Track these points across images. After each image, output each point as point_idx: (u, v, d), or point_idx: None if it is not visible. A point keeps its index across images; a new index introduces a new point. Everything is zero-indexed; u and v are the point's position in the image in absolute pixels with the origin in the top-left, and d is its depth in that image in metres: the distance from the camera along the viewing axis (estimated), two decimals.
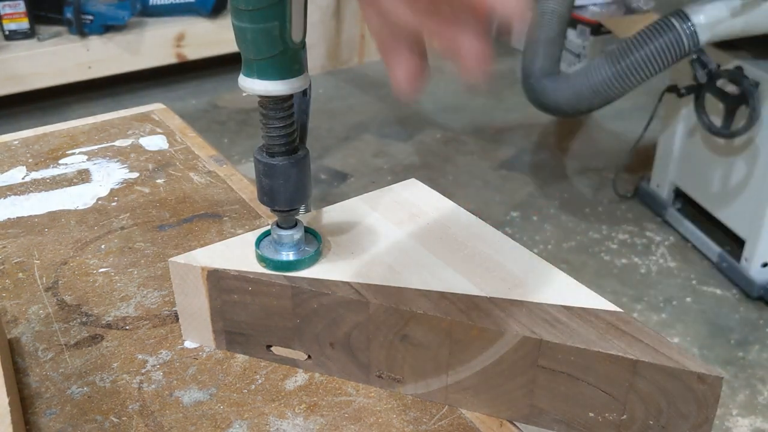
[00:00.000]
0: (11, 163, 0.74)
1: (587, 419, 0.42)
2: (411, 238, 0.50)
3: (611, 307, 0.43)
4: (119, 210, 0.66)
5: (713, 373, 0.39)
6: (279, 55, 0.40)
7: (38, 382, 0.48)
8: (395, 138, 2.40)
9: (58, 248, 0.61)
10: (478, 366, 0.43)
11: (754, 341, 1.56)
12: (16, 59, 2.36)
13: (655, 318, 1.63)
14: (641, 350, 0.40)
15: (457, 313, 0.43)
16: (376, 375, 0.47)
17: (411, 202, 0.54)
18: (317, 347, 0.47)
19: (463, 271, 0.46)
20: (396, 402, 0.46)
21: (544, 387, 0.42)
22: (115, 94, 2.63)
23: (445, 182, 2.14)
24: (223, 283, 0.47)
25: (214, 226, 0.64)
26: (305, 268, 0.47)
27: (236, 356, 0.50)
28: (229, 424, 0.44)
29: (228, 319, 0.49)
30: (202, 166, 0.73)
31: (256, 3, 0.39)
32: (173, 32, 2.59)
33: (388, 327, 0.44)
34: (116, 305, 0.55)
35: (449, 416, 0.45)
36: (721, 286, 1.72)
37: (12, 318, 0.53)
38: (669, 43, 1.56)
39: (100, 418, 0.45)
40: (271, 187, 0.45)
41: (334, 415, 0.45)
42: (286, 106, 0.44)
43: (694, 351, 1.52)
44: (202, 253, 0.48)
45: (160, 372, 0.48)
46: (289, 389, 0.47)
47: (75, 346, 0.51)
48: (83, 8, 2.41)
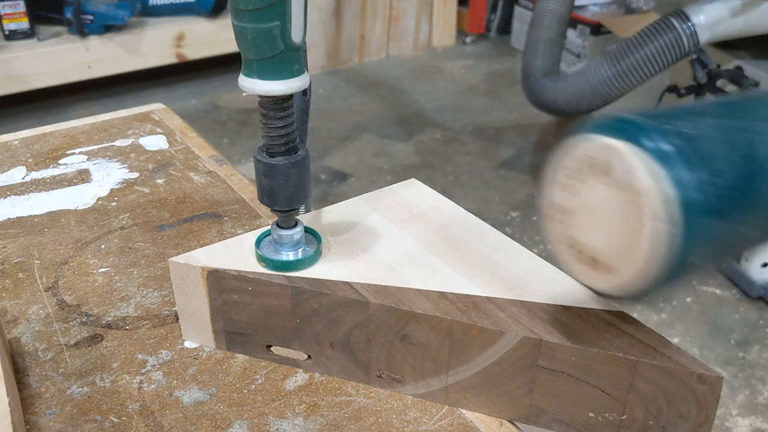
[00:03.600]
0: (11, 163, 0.74)
1: (587, 419, 0.42)
2: (411, 238, 0.50)
3: (611, 307, 0.43)
4: (119, 210, 0.66)
5: (713, 373, 0.39)
6: (279, 55, 0.40)
7: (38, 382, 0.48)
8: (395, 138, 2.40)
9: (58, 248, 0.61)
10: (478, 366, 0.43)
11: (754, 341, 1.56)
12: (16, 59, 2.35)
13: (655, 318, 1.63)
14: (641, 350, 0.40)
15: (457, 313, 0.43)
16: (376, 375, 0.47)
17: (411, 202, 0.54)
18: (317, 347, 0.47)
19: (463, 271, 0.46)
20: (396, 402, 0.46)
21: (544, 387, 0.42)
22: (115, 94, 2.63)
23: (445, 182, 2.14)
24: (223, 283, 0.47)
25: (214, 226, 0.64)
26: (305, 268, 0.47)
27: (236, 356, 0.50)
28: (229, 424, 0.44)
29: (228, 319, 0.49)
30: (202, 166, 0.73)
31: (257, 3, 0.39)
32: (173, 32, 2.59)
33: (388, 327, 0.44)
34: (116, 305, 0.55)
35: (449, 416, 0.45)
36: (721, 286, 1.72)
37: (12, 318, 0.53)
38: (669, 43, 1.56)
39: (100, 418, 0.45)
40: (271, 187, 0.45)
41: (334, 415, 0.45)
42: (286, 106, 0.44)
43: (694, 351, 1.52)
44: (202, 253, 0.48)
45: (160, 372, 0.48)
46: (289, 389, 0.47)
47: (75, 346, 0.51)
48: (83, 8, 2.41)
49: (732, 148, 0.32)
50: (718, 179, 0.31)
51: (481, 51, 3.15)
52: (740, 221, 0.32)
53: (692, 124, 0.32)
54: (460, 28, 3.24)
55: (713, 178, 0.31)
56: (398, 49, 3.10)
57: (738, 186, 0.32)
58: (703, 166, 0.31)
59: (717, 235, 0.32)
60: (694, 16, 1.55)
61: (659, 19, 1.60)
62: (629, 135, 0.32)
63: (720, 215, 0.31)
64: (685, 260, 0.32)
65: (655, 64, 1.59)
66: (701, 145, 0.32)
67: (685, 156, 0.31)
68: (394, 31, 3.07)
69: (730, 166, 0.31)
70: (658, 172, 0.31)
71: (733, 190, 0.32)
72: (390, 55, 3.09)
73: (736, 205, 0.32)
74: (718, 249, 0.33)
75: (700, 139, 0.32)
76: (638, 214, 0.32)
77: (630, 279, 0.34)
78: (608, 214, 0.34)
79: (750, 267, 1.65)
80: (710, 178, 0.31)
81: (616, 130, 0.33)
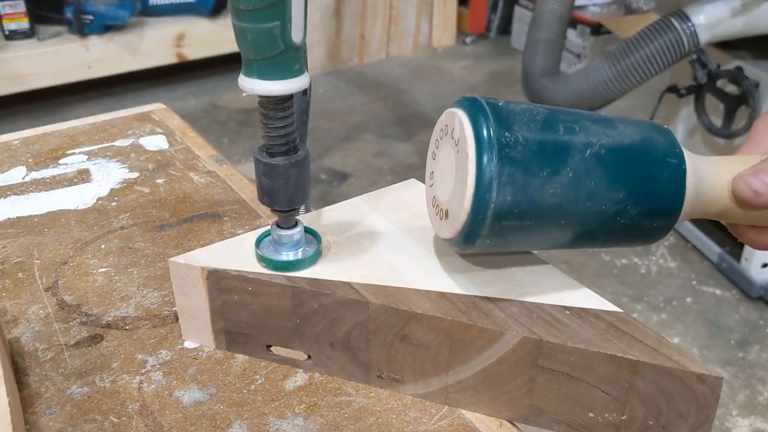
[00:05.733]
0: (11, 163, 0.74)
1: (587, 419, 0.42)
2: (411, 238, 0.50)
3: (611, 308, 0.44)
4: (119, 210, 0.66)
5: (713, 374, 0.39)
6: (279, 55, 0.40)
7: (38, 382, 0.48)
8: (395, 138, 2.40)
9: (58, 248, 0.61)
10: (478, 366, 0.43)
11: (754, 341, 1.56)
12: (16, 59, 2.36)
13: (655, 318, 1.63)
14: (641, 350, 0.40)
15: (457, 313, 0.43)
16: (376, 375, 0.47)
17: (411, 202, 0.54)
18: (317, 347, 0.47)
19: (463, 271, 0.46)
20: (396, 402, 0.46)
21: (544, 387, 0.42)
22: (115, 94, 2.63)
23: None
24: (223, 283, 0.47)
25: (214, 226, 0.64)
26: (305, 268, 0.47)
27: (236, 356, 0.50)
28: (229, 424, 0.44)
29: (228, 319, 0.49)
30: (202, 166, 0.73)
31: (257, 3, 0.39)
32: (173, 32, 2.59)
33: (388, 327, 0.44)
34: (116, 305, 0.55)
35: (449, 416, 0.45)
36: (721, 286, 1.72)
37: (12, 318, 0.53)
38: (669, 43, 1.56)
39: (99, 418, 0.45)
40: (271, 187, 0.45)
41: (334, 415, 0.45)
42: (286, 106, 0.44)
43: (694, 351, 1.52)
44: (202, 253, 0.48)
45: (159, 372, 0.48)
46: (289, 389, 0.47)
47: (75, 346, 0.51)
48: (83, 8, 2.41)
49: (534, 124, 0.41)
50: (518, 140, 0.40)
51: (481, 51, 3.15)
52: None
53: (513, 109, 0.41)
54: (461, 28, 3.24)
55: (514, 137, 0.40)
56: (398, 50, 3.10)
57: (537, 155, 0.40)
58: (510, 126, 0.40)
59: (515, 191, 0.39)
60: (694, 16, 1.55)
61: (659, 20, 1.60)
62: (468, 108, 0.41)
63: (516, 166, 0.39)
64: (492, 205, 0.39)
65: (655, 64, 1.59)
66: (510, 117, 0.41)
67: (499, 118, 0.40)
68: (394, 32, 3.07)
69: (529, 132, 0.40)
70: (480, 129, 0.40)
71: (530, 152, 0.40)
72: (390, 55, 3.09)
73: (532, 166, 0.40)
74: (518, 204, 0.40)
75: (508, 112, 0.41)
76: (465, 162, 0.40)
77: (461, 221, 0.41)
78: (450, 169, 0.42)
79: (750, 267, 1.65)
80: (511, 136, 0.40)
81: (463, 105, 0.42)
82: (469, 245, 0.42)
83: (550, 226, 0.41)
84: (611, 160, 0.41)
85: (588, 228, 0.42)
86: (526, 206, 0.40)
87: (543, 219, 0.40)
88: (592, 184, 0.40)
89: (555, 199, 0.40)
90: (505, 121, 0.40)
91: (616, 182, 0.41)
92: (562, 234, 0.42)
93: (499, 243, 0.42)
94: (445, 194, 0.43)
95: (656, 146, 0.43)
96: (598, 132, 0.42)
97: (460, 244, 0.42)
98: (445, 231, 0.43)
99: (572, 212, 0.41)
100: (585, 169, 0.40)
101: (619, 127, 0.43)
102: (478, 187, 0.39)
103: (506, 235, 0.41)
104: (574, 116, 0.42)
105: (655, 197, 0.42)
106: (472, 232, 0.41)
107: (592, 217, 0.41)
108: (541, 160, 0.40)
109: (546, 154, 0.40)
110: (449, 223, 0.42)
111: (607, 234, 0.43)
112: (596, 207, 0.41)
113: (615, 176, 0.41)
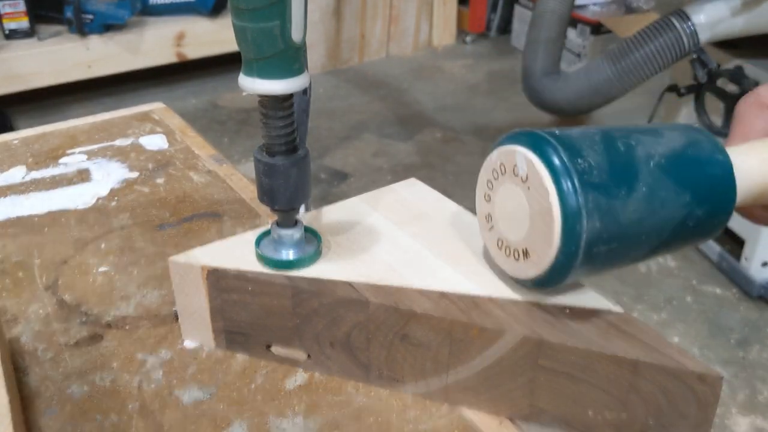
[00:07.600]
0: (11, 162, 0.74)
1: (587, 419, 0.42)
2: (411, 238, 0.50)
3: (612, 307, 0.43)
4: (119, 209, 0.66)
5: (713, 373, 0.39)
6: (279, 54, 0.40)
7: (38, 382, 0.48)
8: (395, 138, 2.40)
9: (58, 248, 0.61)
10: (479, 366, 0.43)
11: (754, 341, 1.56)
12: (16, 58, 2.35)
13: (655, 318, 1.63)
14: (641, 350, 0.40)
15: (458, 312, 0.43)
16: (376, 375, 0.47)
17: (411, 202, 0.54)
18: (317, 347, 0.47)
19: (463, 271, 0.46)
20: (396, 401, 0.46)
21: (545, 387, 0.42)
22: (115, 93, 2.63)
23: (445, 182, 2.14)
24: (223, 283, 0.47)
25: (214, 225, 0.64)
26: (305, 267, 0.47)
27: (236, 356, 0.50)
28: (229, 424, 0.44)
29: (228, 318, 0.49)
30: (202, 165, 0.73)
31: (257, 2, 0.38)
32: (173, 31, 2.59)
33: (388, 327, 0.44)
34: (116, 305, 0.54)
35: (449, 415, 0.45)
36: (721, 285, 1.72)
37: (12, 317, 0.53)
38: (669, 42, 1.56)
39: (99, 418, 0.45)
40: (271, 186, 0.45)
41: (334, 415, 0.45)
42: (286, 106, 0.44)
43: (694, 350, 1.52)
44: (201, 252, 0.48)
45: (159, 371, 0.48)
46: (289, 389, 0.47)
47: (75, 346, 0.51)
48: (83, 7, 2.41)
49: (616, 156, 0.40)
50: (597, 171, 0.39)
51: (481, 50, 3.15)
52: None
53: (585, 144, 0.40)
54: (461, 27, 3.24)
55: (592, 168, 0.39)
56: (398, 49, 3.10)
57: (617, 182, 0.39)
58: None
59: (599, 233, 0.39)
60: (694, 16, 1.55)
61: (659, 19, 1.60)
62: (530, 142, 0.40)
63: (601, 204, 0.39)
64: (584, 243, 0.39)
65: (655, 64, 1.59)
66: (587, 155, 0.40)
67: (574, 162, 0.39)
68: (395, 31, 3.07)
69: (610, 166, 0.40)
70: (552, 160, 0.39)
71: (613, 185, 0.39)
72: (390, 54, 3.09)
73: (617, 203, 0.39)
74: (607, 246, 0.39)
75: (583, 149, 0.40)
76: (544, 197, 0.39)
77: (550, 257, 0.40)
78: (519, 208, 0.41)
79: (750, 266, 1.65)
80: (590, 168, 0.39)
81: (521, 140, 0.41)
82: (560, 280, 0.41)
83: (633, 244, 0.41)
84: (672, 167, 0.41)
85: (663, 237, 0.42)
86: (614, 229, 0.39)
87: (627, 238, 0.40)
88: (663, 194, 0.41)
89: (636, 215, 0.40)
90: (572, 148, 0.39)
91: (681, 187, 0.41)
92: (641, 249, 0.42)
93: (587, 272, 0.41)
94: (517, 234, 0.42)
95: (702, 146, 0.43)
96: (652, 143, 0.42)
97: (547, 282, 0.42)
98: (527, 271, 0.42)
99: (650, 225, 0.41)
100: (654, 181, 0.40)
101: (665, 134, 0.43)
102: (566, 220, 0.38)
103: (595, 262, 0.40)
104: (626, 132, 0.42)
105: (714, 194, 0.43)
106: (564, 266, 0.40)
107: (666, 225, 0.41)
108: (617, 179, 0.39)
109: (619, 173, 0.40)
110: (532, 263, 0.41)
111: (679, 239, 0.43)
112: (669, 215, 0.41)
113: (679, 182, 0.41)
